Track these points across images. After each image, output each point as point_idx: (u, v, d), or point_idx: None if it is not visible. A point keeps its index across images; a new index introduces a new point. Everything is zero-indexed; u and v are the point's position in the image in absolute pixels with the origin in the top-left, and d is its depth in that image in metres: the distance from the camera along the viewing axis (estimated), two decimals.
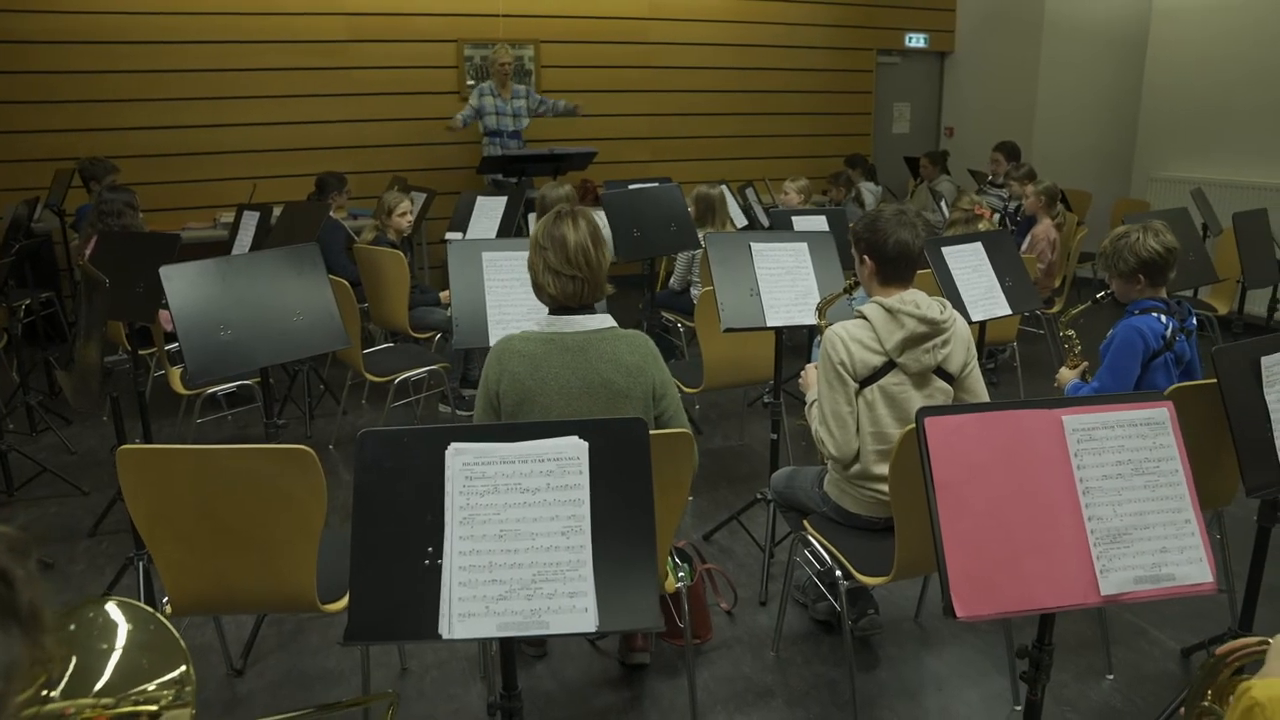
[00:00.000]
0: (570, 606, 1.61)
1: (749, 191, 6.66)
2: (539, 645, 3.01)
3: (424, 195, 6.22)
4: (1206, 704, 1.62)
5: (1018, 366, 5.35)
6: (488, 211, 5.59)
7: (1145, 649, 3.08)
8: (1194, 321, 3.07)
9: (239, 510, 2.18)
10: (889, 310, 2.53)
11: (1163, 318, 2.95)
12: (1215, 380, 2.34)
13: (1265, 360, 2.35)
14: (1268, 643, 1.45)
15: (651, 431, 2.30)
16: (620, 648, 2.96)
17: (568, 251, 2.34)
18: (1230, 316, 5.61)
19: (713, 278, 3.18)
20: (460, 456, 1.66)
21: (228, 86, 7.04)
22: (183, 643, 1.38)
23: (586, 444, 1.69)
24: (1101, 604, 1.69)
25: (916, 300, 2.54)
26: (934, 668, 2.98)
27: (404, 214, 5.26)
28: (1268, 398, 2.34)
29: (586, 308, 2.41)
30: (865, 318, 2.57)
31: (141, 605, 1.42)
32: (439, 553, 1.61)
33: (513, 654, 1.76)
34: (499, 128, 7.24)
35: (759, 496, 3.37)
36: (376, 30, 7.39)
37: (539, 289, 2.40)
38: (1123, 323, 2.99)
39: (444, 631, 1.58)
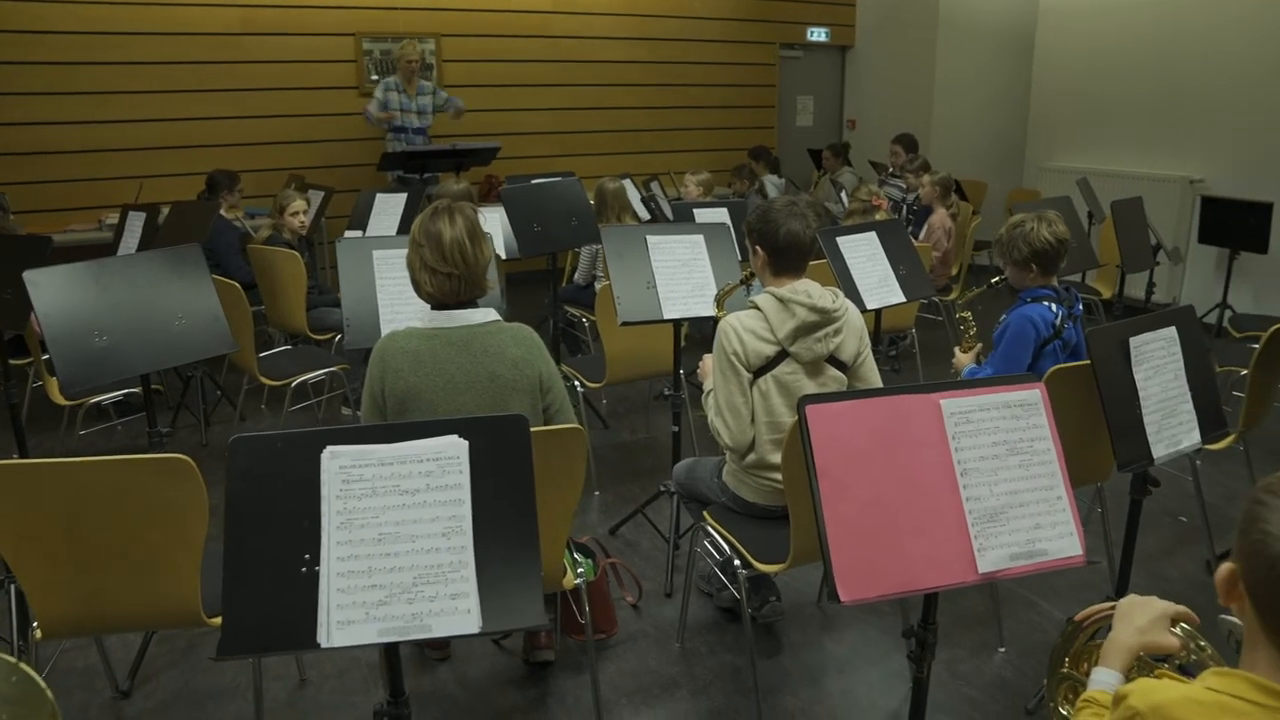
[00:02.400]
0: (453, 608, 1.58)
1: (654, 185, 6.67)
2: (442, 648, 2.97)
3: (322, 193, 6.07)
4: (1065, 670, 1.67)
5: (917, 353, 5.48)
6: (388, 209, 5.48)
7: (1034, 620, 3.18)
8: (1080, 308, 3.18)
9: (114, 525, 2.09)
10: (781, 300, 2.56)
11: (1053, 306, 3.05)
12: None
13: (1133, 341, 2.44)
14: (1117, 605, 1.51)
15: (542, 427, 2.32)
16: (524, 646, 2.93)
17: (443, 248, 2.31)
18: (1113, 300, 5.85)
19: (609, 271, 3.17)
20: (337, 460, 1.61)
21: (109, 80, 6.73)
22: (49, 692, 1.32)
23: (466, 443, 1.66)
24: (980, 581, 1.73)
25: (808, 290, 2.57)
26: (835, 651, 3.03)
27: (297, 213, 5.12)
28: (1136, 376, 2.43)
29: (468, 303, 2.38)
30: (758, 308, 2.59)
31: (2, 656, 1.35)
32: (316, 559, 1.56)
33: (398, 660, 1.73)
34: (404, 124, 7.10)
35: (662, 489, 3.38)
36: (270, 23, 7.16)
37: (416, 286, 2.37)
38: (1015, 311, 3.08)
39: (323, 640, 1.53)
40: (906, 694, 2.81)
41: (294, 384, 4.27)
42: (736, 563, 2.61)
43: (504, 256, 4.99)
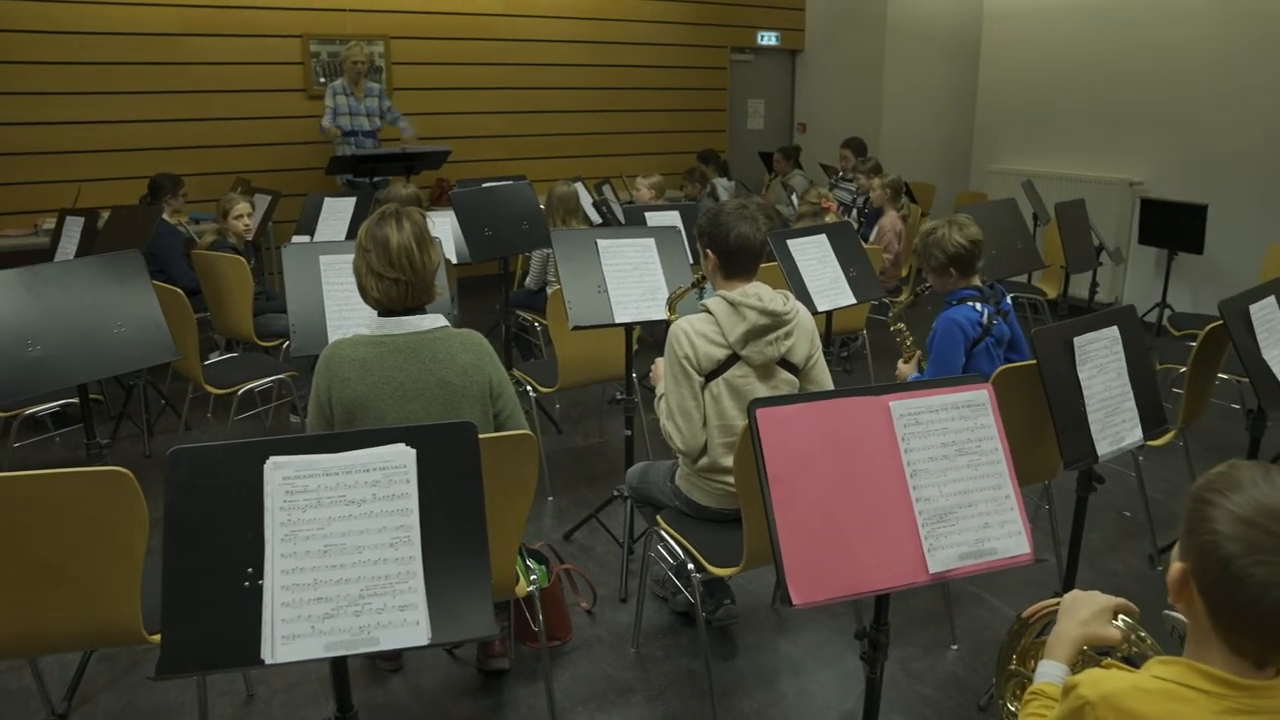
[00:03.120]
0: (401, 620, 1.55)
1: (606, 188, 6.66)
2: (394, 659, 2.92)
3: (268, 197, 5.96)
4: (1013, 668, 1.69)
5: (868, 354, 5.53)
6: (336, 213, 5.41)
7: (985, 617, 3.22)
8: (1009, 303, 3.23)
9: (49, 541, 2.02)
10: (731, 303, 2.56)
11: (977, 305, 3.10)
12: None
13: (1078, 340, 2.49)
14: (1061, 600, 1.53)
15: (493, 433, 2.30)
16: (478, 655, 2.90)
17: (390, 254, 2.27)
18: (1058, 300, 5.96)
19: (560, 275, 3.15)
20: (280, 470, 1.58)
21: (44, 81, 6.54)
22: None
23: (414, 451, 1.63)
24: (930, 582, 1.74)
25: (759, 293, 2.57)
26: (790, 652, 3.04)
27: (241, 216, 5.02)
28: (1080, 375, 2.48)
29: (416, 309, 2.35)
30: (709, 311, 2.59)
31: None
32: (260, 573, 1.53)
33: (345, 674, 1.69)
34: (353, 127, 7.00)
35: (616, 493, 3.37)
36: (212, 23, 7.02)
37: (363, 292, 2.34)
38: (940, 316, 3.13)
39: (267, 656, 1.50)
40: (861, 694, 2.83)
41: (240, 392, 4.19)
42: (690, 566, 2.61)
43: (455, 261, 4.95)
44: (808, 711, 2.77)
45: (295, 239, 5.16)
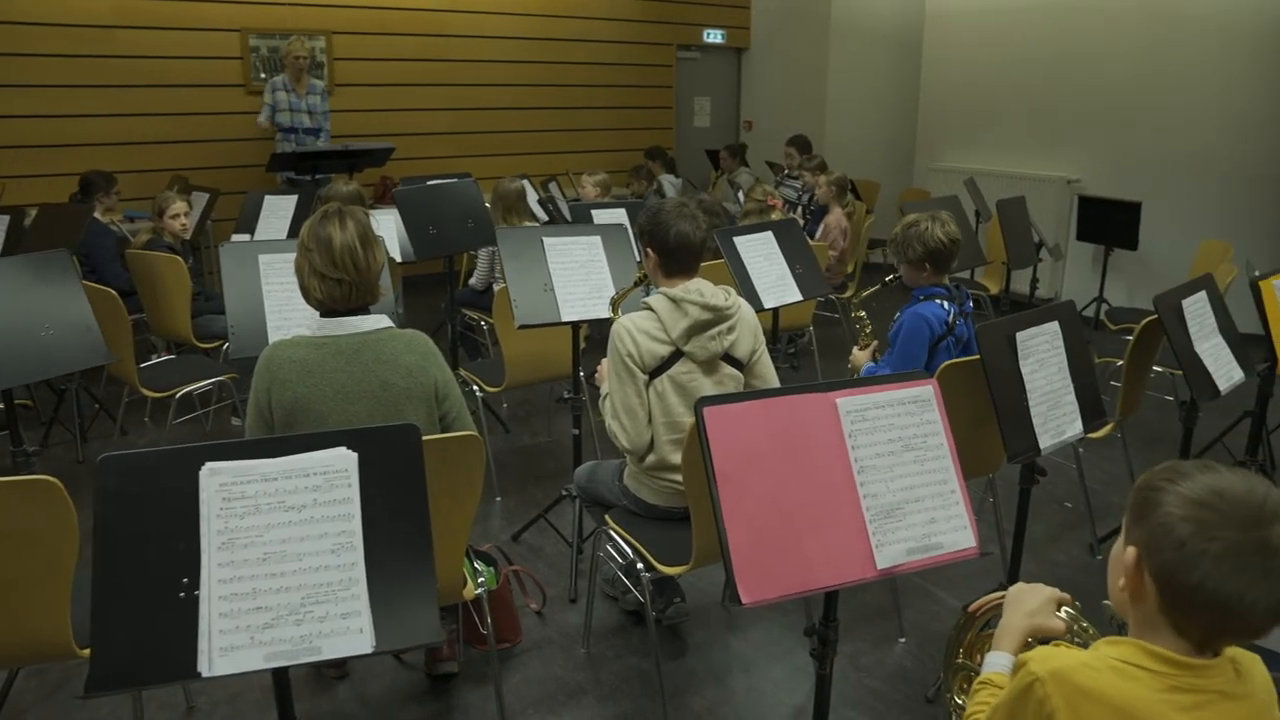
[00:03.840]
0: (344, 628, 1.52)
1: (552, 185, 6.62)
2: (340, 666, 2.86)
3: (206, 195, 5.82)
4: (960, 661, 1.71)
5: (815, 351, 5.57)
6: (277, 211, 5.29)
7: (933, 610, 3.26)
8: (971, 304, 3.27)
9: None
10: (673, 300, 2.55)
11: (945, 304, 3.13)
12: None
13: (1020, 335, 2.52)
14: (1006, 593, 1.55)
15: (438, 435, 2.26)
16: (426, 659, 2.85)
17: (333, 253, 2.23)
18: (1000, 296, 6.06)
19: (505, 274, 3.12)
20: (216, 477, 1.53)
21: None
22: None
23: (356, 455, 1.60)
24: (878, 577, 1.75)
25: (701, 289, 2.57)
26: (741, 649, 3.04)
27: (178, 215, 4.89)
28: (1023, 370, 2.51)
29: (359, 310, 2.30)
30: (651, 309, 2.58)
31: None
32: (195, 583, 1.48)
33: (287, 684, 1.64)
34: (294, 124, 6.87)
35: (564, 493, 3.34)
36: (147, 15, 6.83)
37: (305, 292, 2.28)
38: (909, 310, 3.14)
39: (204, 669, 1.45)
40: (811, 689, 2.83)
41: (178, 395, 4.08)
42: (639, 565, 2.59)
43: (399, 260, 4.88)
44: (759, 708, 2.78)
45: (235, 237, 5.04)
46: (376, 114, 7.75)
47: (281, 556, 1.51)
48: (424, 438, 2.10)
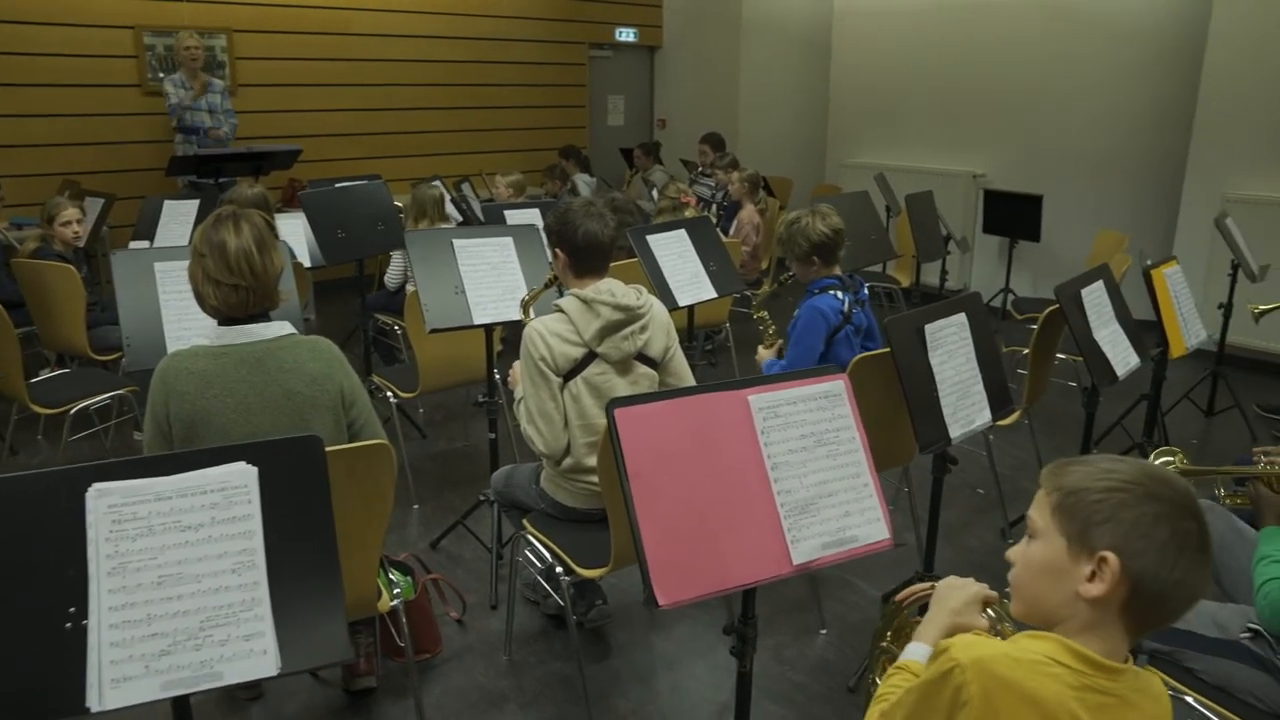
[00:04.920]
0: (247, 651, 1.46)
1: (465, 186, 6.53)
2: (252, 687, 2.77)
3: (100, 201, 5.57)
4: (885, 644, 1.73)
5: (732, 347, 5.60)
6: (178, 216, 5.10)
7: (853, 600, 3.31)
8: (866, 293, 3.33)
9: None
10: (584, 301, 2.53)
11: (839, 294, 3.17)
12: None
13: (928, 328, 2.56)
14: (935, 586, 1.57)
15: (346, 444, 2.20)
16: (343, 675, 2.78)
17: (228, 259, 2.15)
18: (911, 288, 6.19)
19: (415, 277, 3.05)
20: (105, 498, 1.45)
21: None
22: None
23: (255, 469, 1.54)
24: (794, 573, 1.76)
25: (612, 289, 2.56)
26: (664, 648, 3.04)
27: (69, 222, 4.68)
28: (932, 362, 2.56)
29: (259, 317, 2.22)
30: (562, 310, 2.56)
31: None
32: (83, 612, 1.40)
33: (188, 714, 1.57)
34: (194, 124, 6.62)
35: (482, 498, 3.30)
36: (33, 10, 6.49)
37: (200, 299, 2.20)
38: (804, 304, 3.18)
39: (94, 703, 1.38)
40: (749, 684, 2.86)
41: (73, 411, 3.89)
42: (559, 569, 2.57)
43: (308, 265, 4.75)
44: (684, 706, 2.77)
45: (134, 244, 4.85)
46: (282, 115, 7.54)
47: (178, 579, 1.45)
48: (331, 447, 2.06)
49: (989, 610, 1.49)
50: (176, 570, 1.45)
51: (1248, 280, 4.70)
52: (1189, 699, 2.09)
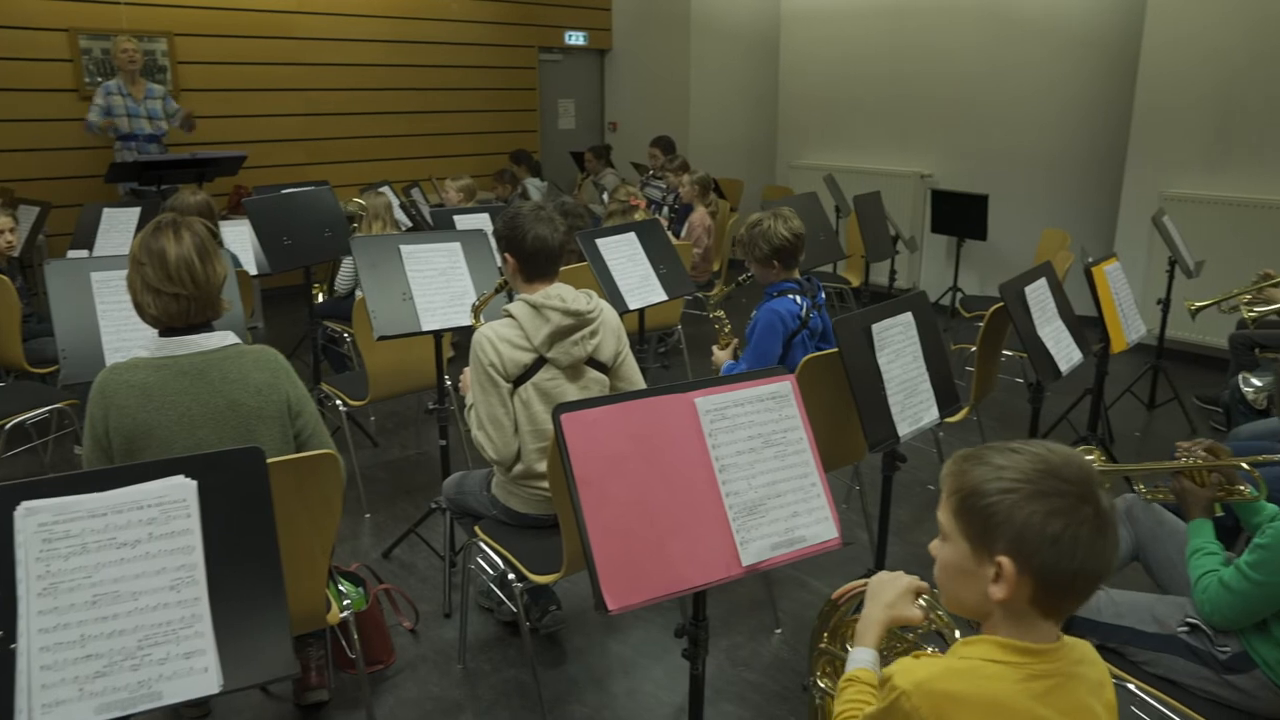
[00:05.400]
0: (187, 669, 1.43)
1: (415, 191, 6.48)
2: (199, 705, 2.71)
3: (36, 209, 5.43)
4: (824, 646, 1.74)
5: (684, 349, 5.61)
6: (118, 225, 4.98)
7: (806, 599, 3.33)
8: (823, 296, 3.35)
9: None
10: (534, 306, 2.52)
11: (797, 298, 3.20)
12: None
13: (875, 327, 2.59)
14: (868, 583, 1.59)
15: (292, 455, 2.16)
16: (294, 689, 2.73)
17: (168, 267, 2.10)
18: (861, 288, 6.26)
19: (361, 284, 3.01)
20: (35, 516, 1.41)
21: None
22: None
23: (195, 483, 1.51)
24: (744, 574, 1.76)
25: (561, 294, 2.55)
26: (620, 652, 3.03)
27: (1, 231, 4.55)
28: (880, 361, 2.58)
29: (201, 326, 2.18)
30: (512, 316, 2.54)
31: None
32: (12, 635, 1.36)
33: None
34: (133, 130, 6.48)
35: (434, 506, 3.26)
36: None
37: (140, 309, 2.15)
38: (762, 307, 3.20)
39: None
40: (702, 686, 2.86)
41: (9, 426, 3.79)
42: (511, 576, 2.55)
43: (255, 273, 4.67)
44: (640, 710, 2.77)
45: (71, 254, 4.73)
46: (226, 120, 7.41)
47: (114, 598, 1.41)
48: (277, 459, 2.03)
49: (921, 600, 1.51)
50: (112, 589, 1.41)
51: (1184, 276, 4.82)
52: (1130, 686, 2.13)
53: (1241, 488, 2.15)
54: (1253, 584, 1.94)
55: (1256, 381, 3.28)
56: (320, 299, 5.20)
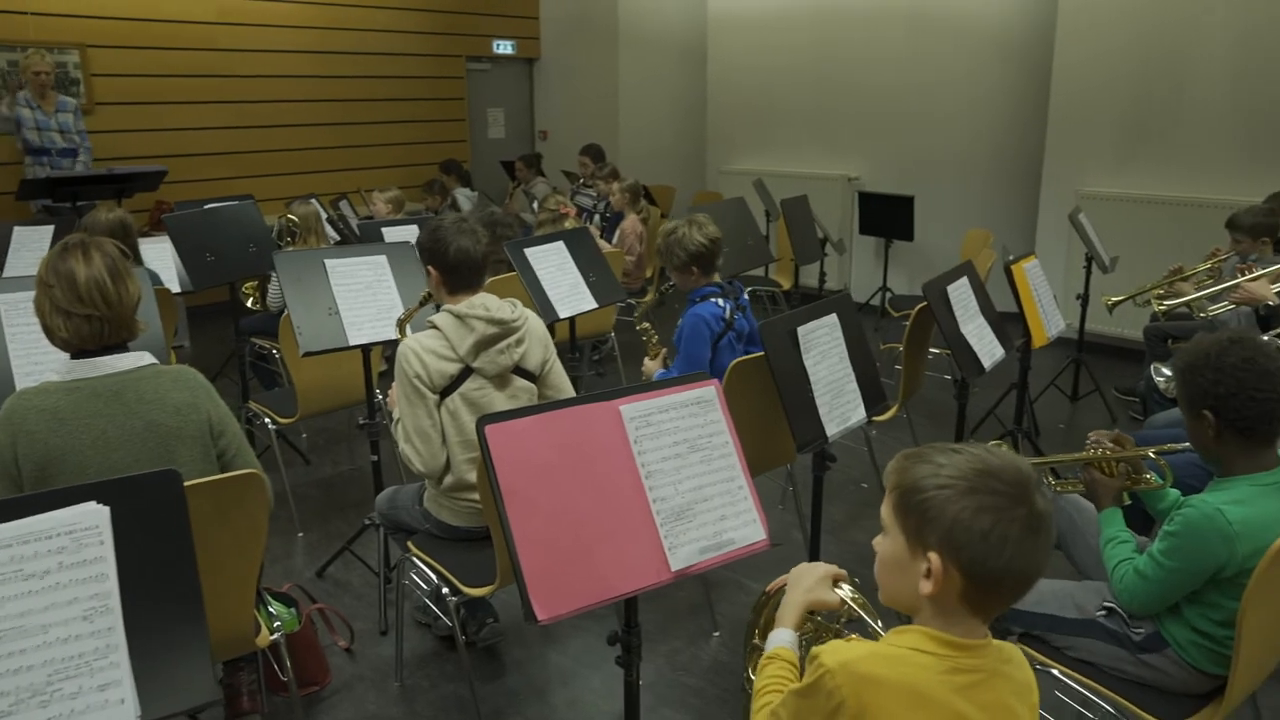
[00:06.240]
0: (102, 702, 1.39)
1: (343, 204, 6.39)
2: None
3: None
4: (756, 642, 1.76)
5: (619, 356, 5.62)
6: (30, 243, 4.82)
7: (744, 600, 3.35)
8: (746, 298, 3.40)
9: None
10: (458, 316, 2.51)
11: (720, 301, 3.23)
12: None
13: (801, 330, 2.63)
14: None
15: (215, 476, 2.12)
16: (225, 714, 2.67)
17: (78, 289, 2.05)
18: (791, 291, 6.34)
19: (286, 299, 2.97)
20: None
21: None
22: None
23: (107, 509, 1.47)
24: (673, 580, 1.77)
25: (485, 303, 2.55)
26: (559, 662, 3.02)
27: None
28: (806, 363, 2.62)
29: (116, 347, 2.13)
30: (436, 327, 2.53)
31: None
32: None
33: None
34: (44, 144, 6.28)
35: (368, 522, 3.22)
36: None
37: (49, 332, 2.09)
38: (687, 313, 3.23)
39: None
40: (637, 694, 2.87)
41: None
42: (445, 590, 2.53)
43: (177, 290, 4.57)
44: (580, 719, 2.77)
45: None
46: (145, 134, 7.23)
47: (20, 632, 1.37)
48: (199, 480, 1.99)
49: (839, 586, 1.55)
50: (18, 623, 1.37)
51: (1101, 271, 4.97)
52: (1055, 671, 2.20)
53: (1148, 476, 2.23)
54: (1167, 570, 2.01)
55: (1166, 371, 3.40)
56: (253, 304, 5.09)
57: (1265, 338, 2.78)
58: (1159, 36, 5.78)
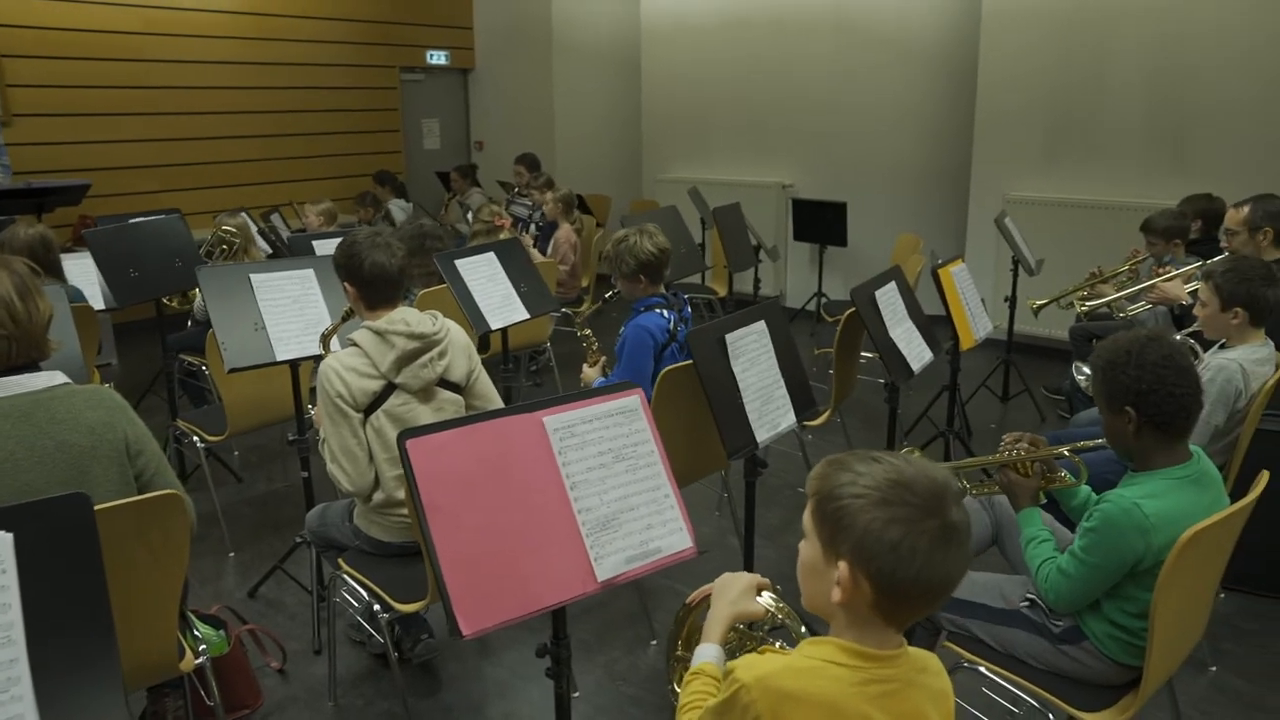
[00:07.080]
0: None
1: (275, 217, 6.29)
2: None
3: None
4: (679, 653, 1.77)
5: (555, 366, 5.61)
6: None
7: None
8: (689, 310, 3.41)
9: None
10: (378, 333, 2.49)
11: (665, 312, 3.24)
12: None
13: (729, 337, 2.65)
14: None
15: (133, 497, 2.07)
16: None
17: None
18: (727, 298, 6.39)
19: (210, 315, 2.91)
20: None
21: None
22: None
23: (10, 535, 1.42)
24: (599, 590, 1.78)
25: (405, 318, 2.53)
26: (495, 675, 3.01)
27: None
28: (735, 370, 2.64)
29: (26, 367, 2.07)
30: (356, 344, 2.50)
31: None
32: None
33: None
34: None
35: (299, 540, 3.17)
36: None
37: None
38: (630, 323, 3.23)
39: None
40: (568, 706, 2.86)
41: None
42: (377, 607, 2.50)
43: (100, 307, 4.45)
44: None
45: None
46: (66, 146, 7.03)
47: None
48: (114, 502, 1.94)
49: (763, 595, 1.56)
50: None
51: (1027, 274, 5.10)
52: (981, 668, 2.25)
53: (1062, 474, 2.30)
54: (1089, 566, 2.06)
55: (1087, 370, 3.50)
56: (179, 304, 4.98)
57: (1178, 337, 2.89)
58: (1079, 46, 5.96)
